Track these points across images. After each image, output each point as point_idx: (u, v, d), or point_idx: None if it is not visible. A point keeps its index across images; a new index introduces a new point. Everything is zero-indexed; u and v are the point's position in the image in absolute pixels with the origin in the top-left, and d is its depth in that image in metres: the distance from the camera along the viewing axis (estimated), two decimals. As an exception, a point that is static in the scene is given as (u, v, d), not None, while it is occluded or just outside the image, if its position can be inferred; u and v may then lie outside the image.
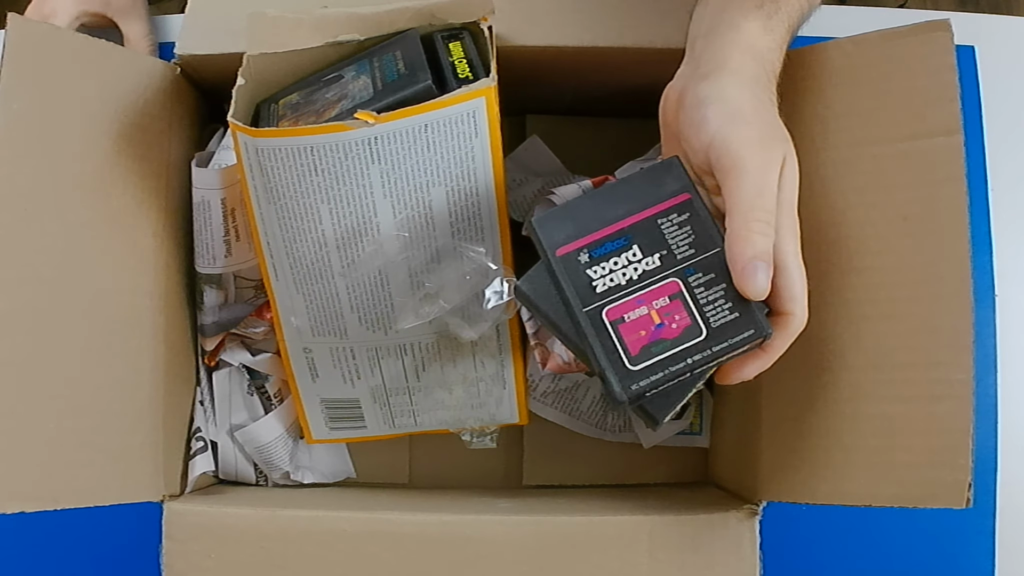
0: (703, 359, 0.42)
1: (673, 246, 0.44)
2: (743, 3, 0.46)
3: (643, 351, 0.43)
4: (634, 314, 0.43)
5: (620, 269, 0.44)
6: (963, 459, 0.44)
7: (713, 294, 0.43)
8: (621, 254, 0.44)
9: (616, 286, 0.44)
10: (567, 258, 0.44)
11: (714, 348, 0.42)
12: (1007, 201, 0.66)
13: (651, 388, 0.42)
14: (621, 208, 0.45)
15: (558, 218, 0.45)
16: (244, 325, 0.60)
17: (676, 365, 0.42)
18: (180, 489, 0.58)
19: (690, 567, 0.50)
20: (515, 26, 0.53)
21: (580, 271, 0.44)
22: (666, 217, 0.44)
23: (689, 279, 0.43)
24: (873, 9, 0.71)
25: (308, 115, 0.51)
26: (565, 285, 0.44)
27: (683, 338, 0.43)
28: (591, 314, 0.43)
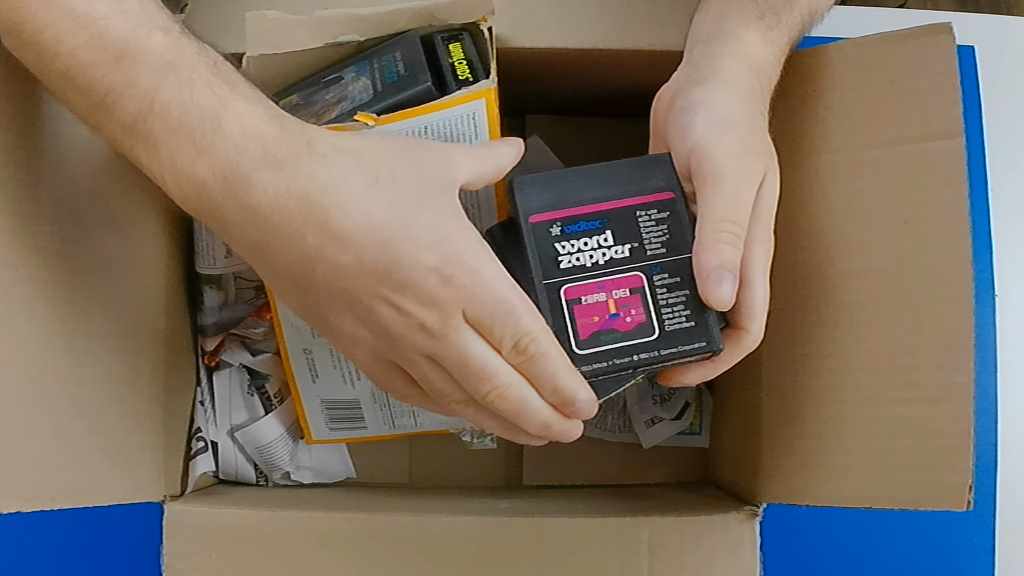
0: (649, 359, 0.43)
1: (646, 241, 0.44)
2: (744, 13, 0.46)
3: (592, 337, 0.43)
4: (592, 298, 0.43)
5: (589, 251, 0.44)
6: (964, 461, 0.44)
7: (674, 297, 0.43)
8: (593, 236, 0.44)
9: (581, 266, 0.43)
10: (539, 226, 0.44)
11: (662, 351, 0.43)
12: (1007, 202, 0.66)
13: (591, 375, 0.42)
14: (603, 190, 0.44)
15: (539, 184, 0.45)
16: (244, 326, 0.60)
17: (622, 359, 0.43)
18: (181, 489, 0.58)
19: (690, 567, 0.50)
20: (515, 27, 0.53)
21: (549, 242, 0.44)
22: (646, 211, 0.44)
23: (654, 277, 0.43)
24: (873, 9, 0.71)
25: (308, 116, 0.51)
26: (531, 252, 0.44)
27: (634, 334, 0.43)
28: (549, 287, 0.43)
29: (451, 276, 0.38)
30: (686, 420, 0.64)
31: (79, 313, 0.50)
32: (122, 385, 0.53)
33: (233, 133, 0.38)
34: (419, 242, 0.38)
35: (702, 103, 0.44)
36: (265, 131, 0.38)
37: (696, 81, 0.45)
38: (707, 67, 0.45)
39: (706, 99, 0.44)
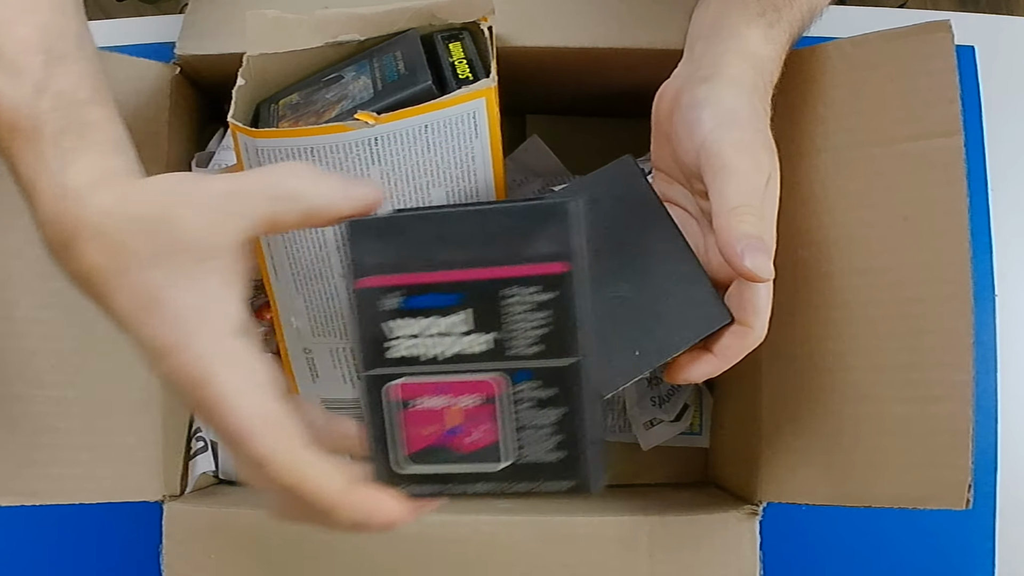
0: (493, 491, 0.33)
1: (516, 332, 0.32)
2: (745, 10, 0.46)
3: (421, 454, 0.33)
4: (429, 403, 0.33)
5: (433, 337, 0.33)
6: (963, 460, 0.44)
7: (541, 418, 0.32)
8: (443, 317, 0.33)
9: (419, 358, 0.33)
10: (368, 295, 0.33)
11: (511, 486, 0.33)
12: (1007, 201, 0.66)
13: (415, 495, 0.34)
14: (468, 250, 0.32)
15: (381, 233, 0.33)
16: (244, 325, 0.60)
17: (455, 487, 0.34)
18: (180, 489, 0.58)
19: (690, 567, 0.50)
20: (515, 26, 0.53)
21: (379, 318, 0.33)
22: (522, 287, 0.32)
23: (517, 386, 0.32)
24: (873, 9, 0.71)
25: (308, 116, 0.51)
26: (353, 328, 0.33)
27: (477, 458, 0.33)
28: (371, 381, 0.33)
29: (180, 390, 0.34)
30: (685, 422, 0.64)
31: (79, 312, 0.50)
32: (121, 384, 0.53)
33: (40, 210, 0.36)
34: (149, 348, 0.34)
35: (708, 100, 0.43)
36: (54, 210, 0.36)
37: (700, 79, 0.45)
38: (710, 65, 0.45)
39: (712, 96, 0.43)
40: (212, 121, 0.64)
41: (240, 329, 0.35)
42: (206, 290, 0.34)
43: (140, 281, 0.34)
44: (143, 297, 0.34)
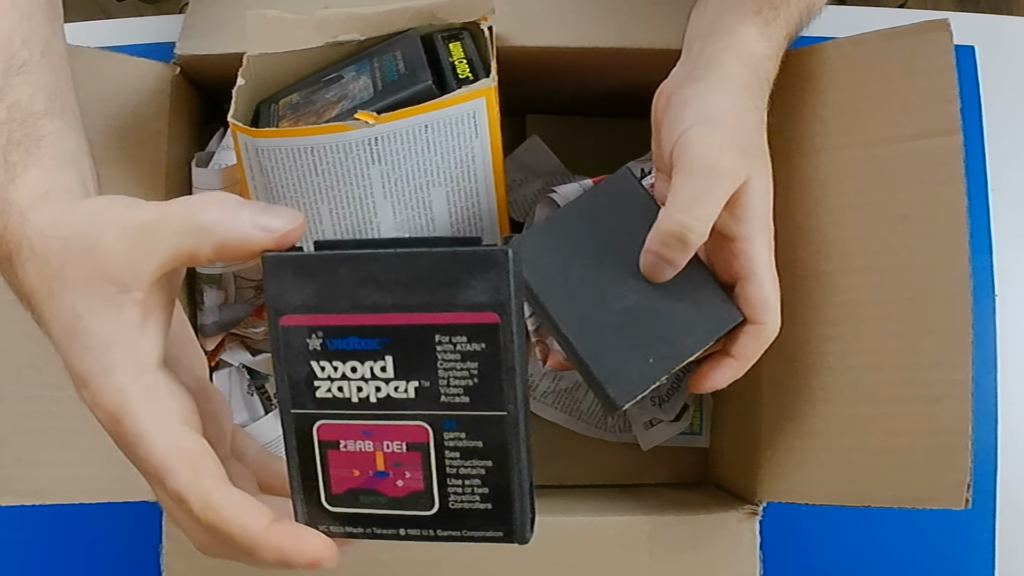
0: (421, 536, 0.33)
1: (441, 381, 0.31)
2: (741, 8, 0.46)
3: (348, 495, 0.33)
4: (354, 446, 0.32)
5: (357, 381, 0.32)
6: (962, 459, 0.44)
7: (469, 468, 0.32)
8: (365, 361, 0.31)
9: (344, 400, 0.32)
10: (292, 332, 0.32)
11: (440, 532, 0.33)
12: (1007, 201, 0.66)
13: (344, 536, 0.34)
14: (393, 293, 0.31)
15: (301, 270, 0.32)
16: (244, 325, 0.60)
17: (384, 529, 0.33)
18: (180, 489, 0.58)
19: (690, 567, 0.50)
20: (515, 26, 0.53)
21: (304, 357, 0.32)
22: (450, 336, 0.31)
23: (445, 435, 0.32)
24: (873, 9, 0.71)
25: (308, 115, 0.51)
26: (278, 365, 0.32)
27: (405, 504, 0.32)
28: (299, 419, 0.32)
29: (100, 421, 0.33)
30: (685, 422, 0.64)
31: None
32: (122, 384, 0.53)
33: None
34: (73, 374, 0.34)
35: (694, 99, 0.44)
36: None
37: (693, 79, 0.45)
38: (704, 64, 0.45)
39: (699, 95, 0.44)
40: (212, 121, 0.64)
41: (159, 363, 0.34)
42: (126, 322, 0.33)
43: (67, 306, 0.33)
44: (69, 323, 0.33)
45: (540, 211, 0.57)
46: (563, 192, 0.56)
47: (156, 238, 0.33)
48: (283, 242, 0.33)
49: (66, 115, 0.39)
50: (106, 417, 0.33)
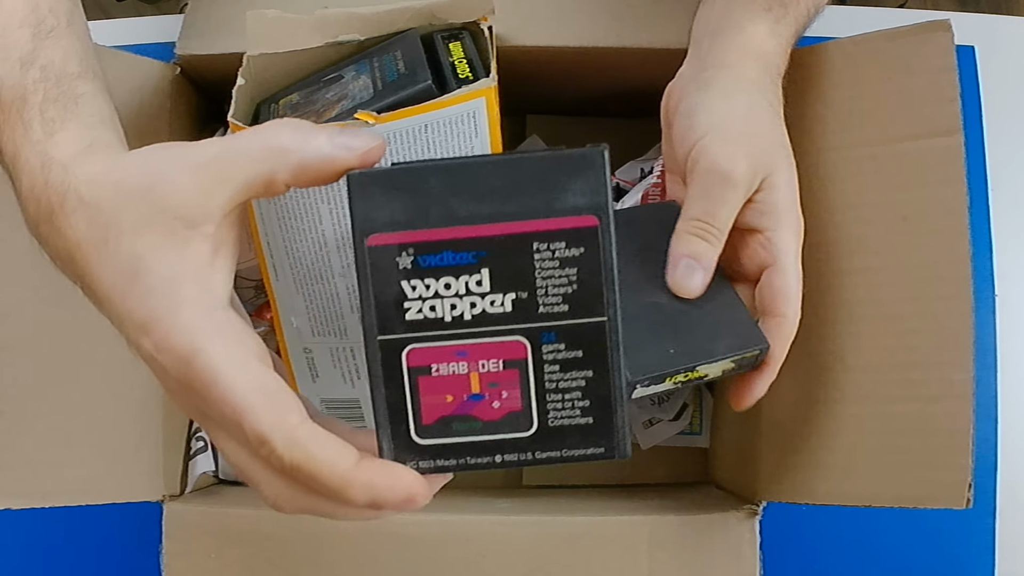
0: (518, 461, 0.32)
1: (539, 291, 0.30)
2: (751, 5, 0.46)
3: (440, 424, 0.31)
4: (447, 369, 0.31)
5: (451, 298, 0.31)
6: (963, 459, 0.44)
7: (569, 381, 0.31)
8: (460, 276, 0.30)
9: (436, 320, 0.31)
10: (380, 253, 0.31)
11: (539, 454, 0.31)
12: (1007, 201, 0.66)
13: (435, 471, 0.32)
14: (488, 203, 0.30)
15: (389, 185, 0.30)
16: (244, 325, 0.60)
17: (478, 458, 0.32)
18: (180, 489, 0.58)
19: (690, 567, 0.50)
20: (515, 26, 0.53)
21: (393, 278, 0.31)
22: (548, 243, 0.30)
23: (544, 348, 0.31)
24: (873, 9, 0.71)
25: (308, 115, 0.51)
26: (365, 290, 0.31)
27: (501, 427, 0.31)
28: (386, 346, 0.31)
29: (164, 367, 0.32)
30: (684, 421, 0.64)
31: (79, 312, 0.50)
32: (121, 384, 0.53)
33: (22, 183, 0.35)
34: (132, 322, 0.32)
35: (705, 105, 0.43)
36: (36, 182, 0.34)
37: (703, 81, 0.45)
38: (714, 63, 0.45)
39: (710, 101, 0.44)
40: (212, 121, 0.64)
41: (228, 300, 0.33)
42: (194, 259, 0.32)
43: (124, 251, 0.32)
44: (127, 268, 0.32)
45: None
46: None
47: (230, 167, 0.32)
48: (366, 159, 0.32)
49: (97, 80, 0.39)
50: (174, 360, 0.31)
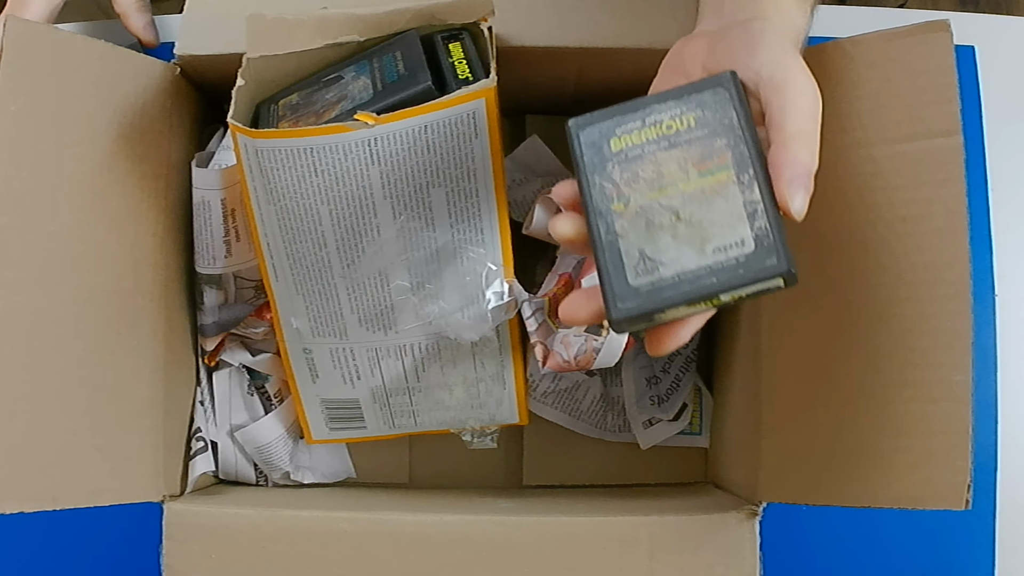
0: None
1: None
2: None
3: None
4: None
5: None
6: (962, 460, 0.44)
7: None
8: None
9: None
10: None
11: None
12: (1007, 201, 0.66)
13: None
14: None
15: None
16: (244, 325, 0.60)
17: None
18: (180, 489, 0.58)
19: (690, 568, 0.50)
20: (515, 26, 0.53)
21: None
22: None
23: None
24: (873, 9, 0.71)
25: (308, 116, 0.51)
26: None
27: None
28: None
29: None
30: (684, 421, 0.64)
31: (79, 312, 0.50)
32: (122, 385, 0.53)
33: None
34: None
35: (763, 31, 0.41)
36: None
37: (742, 21, 0.43)
38: (750, 12, 0.43)
39: (765, 29, 0.41)
40: (212, 121, 0.64)
41: None
42: None
43: None
44: None
45: (540, 211, 0.57)
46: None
47: None
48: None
49: None
50: None
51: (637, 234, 0.37)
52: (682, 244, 0.37)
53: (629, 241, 0.37)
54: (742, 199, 0.36)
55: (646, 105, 0.39)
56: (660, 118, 0.38)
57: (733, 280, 0.35)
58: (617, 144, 0.39)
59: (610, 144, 0.39)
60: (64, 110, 0.50)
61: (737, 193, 0.36)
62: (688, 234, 0.37)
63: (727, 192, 0.37)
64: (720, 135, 0.37)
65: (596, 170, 0.39)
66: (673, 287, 0.36)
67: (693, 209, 0.37)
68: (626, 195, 0.38)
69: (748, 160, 0.37)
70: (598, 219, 0.38)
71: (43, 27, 0.51)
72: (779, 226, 0.36)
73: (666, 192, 0.37)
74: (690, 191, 0.37)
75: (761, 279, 0.36)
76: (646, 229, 0.37)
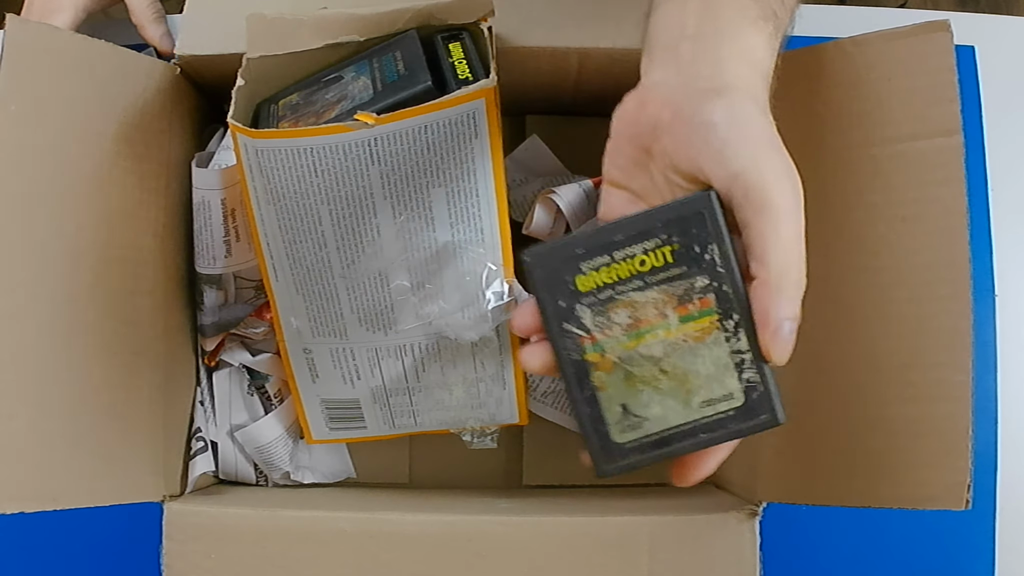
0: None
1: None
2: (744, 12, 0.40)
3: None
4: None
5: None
6: (962, 460, 0.44)
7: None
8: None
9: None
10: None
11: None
12: (1007, 201, 0.66)
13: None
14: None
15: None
16: (244, 325, 0.60)
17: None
18: (180, 489, 0.58)
19: (690, 568, 0.50)
20: (515, 26, 0.53)
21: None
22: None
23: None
24: (873, 9, 0.71)
25: (308, 116, 0.51)
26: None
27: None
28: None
29: None
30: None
31: (79, 312, 0.50)
32: (122, 385, 0.53)
33: None
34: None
35: (730, 120, 0.37)
36: None
37: (708, 92, 0.38)
38: (713, 74, 0.38)
39: (736, 115, 0.37)
40: (212, 121, 0.64)
41: None
42: None
43: None
44: None
45: (540, 211, 0.57)
46: (562, 192, 0.56)
47: None
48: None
49: None
50: None
51: (616, 388, 0.35)
52: (666, 398, 0.35)
53: (609, 395, 0.35)
54: (728, 348, 0.34)
55: (613, 235, 0.35)
56: (632, 252, 0.35)
57: (724, 436, 0.35)
58: (584, 283, 0.35)
59: (575, 283, 0.35)
60: (64, 110, 0.50)
61: (723, 341, 0.34)
62: (672, 388, 0.35)
63: (712, 339, 0.34)
64: (701, 272, 0.34)
65: (564, 315, 0.35)
66: (660, 444, 0.35)
67: (676, 360, 0.34)
68: (600, 344, 0.35)
69: (733, 302, 0.34)
70: (572, 369, 0.35)
71: (43, 27, 0.51)
72: (770, 375, 0.34)
73: (645, 340, 0.35)
74: (671, 338, 0.34)
75: (751, 433, 0.35)
76: (626, 382, 0.35)
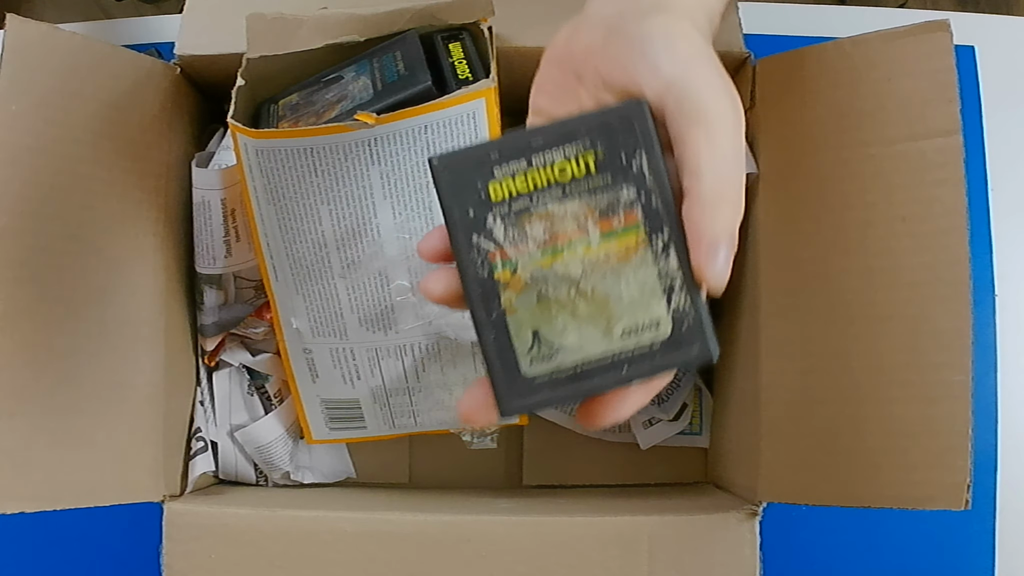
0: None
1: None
2: None
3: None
4: None
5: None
6: (962, 460, 0.44)
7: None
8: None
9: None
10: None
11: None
12: (1007, 201, 0.66)
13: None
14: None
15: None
16: (244, 325, 0.60)
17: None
18: (180, 489, 0.58)
19: (690, 568, 0.50)
20: (515, 27, 0.53)
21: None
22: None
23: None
24: (873, 9, 0.71)
25: (308, 116, 0.51)
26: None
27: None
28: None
29: None
30: (684, 421, 0.64)
31: (80, 312, 0.50)
32: (122, 385, 0.53)
33: None
34: None
35: (668, 32, 0.34)
36: None
37: (647, 11, 0.35)
38: (654, 0, 0.35)
39: (671, 28, 0.34)
40: (212, 121, 0.64)
41: None
42: None
43: None
44: None
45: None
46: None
47: None
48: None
49: None
50: None
51: (528, 311, 0.31)
52: (584, 325, 0.30)
53: (519, 319, 0.31)
54: (656, 269, 0.30)
55: (531, 138, 0.31)
56: (552, 158, 0.31)
57: (647, 371, 0.30)
58: (497, 191, 0.31)
59: (488, 190, 0.31)
60: (64, 110, 0.50)
61: (650, 260, 0.30)
62: (591, 312, 0.30)
63: (638, 259, 0.30)
64: (627, 183, 0.31)
65: (473, 226, 0.31)
66: (576, 379, 0.30)
67: (596, 281, 0.30)
68: (512, 260, 0.31)
69: (663, 218, 0.30)
70: (479, 289, 0.31)
71: (43, 27, 0.51)
72: (703, 305, 0.30)
73: (562, 257, 0.31)
74: (592, 257, 0.31)
75: (680, 367, 0.31)
76: (539, 304, 0.31)
